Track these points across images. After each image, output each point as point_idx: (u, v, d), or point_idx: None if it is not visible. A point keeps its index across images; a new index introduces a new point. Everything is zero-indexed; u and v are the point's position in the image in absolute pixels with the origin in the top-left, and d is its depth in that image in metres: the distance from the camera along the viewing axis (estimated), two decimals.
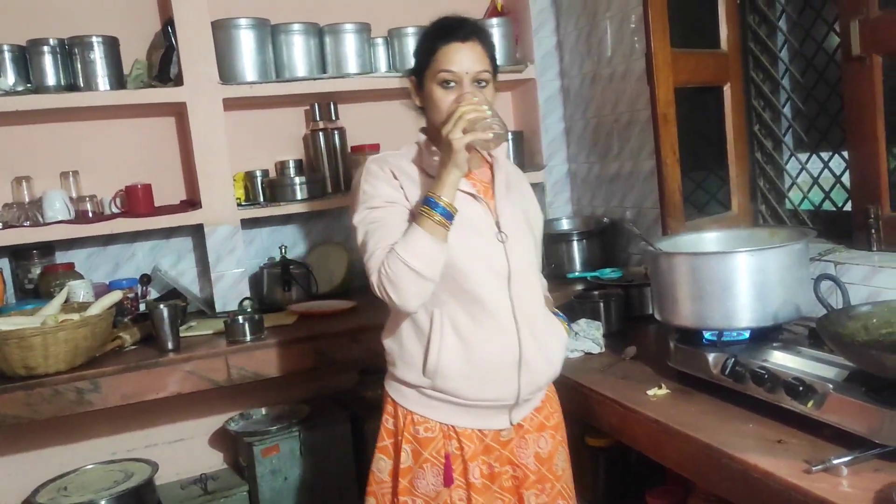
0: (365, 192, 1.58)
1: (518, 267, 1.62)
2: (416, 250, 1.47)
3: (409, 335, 1.62)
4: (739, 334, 1.75)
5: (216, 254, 2.73)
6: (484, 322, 1.58)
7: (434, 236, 1.48)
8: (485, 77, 1.57)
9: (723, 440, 1.47)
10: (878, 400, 1.31)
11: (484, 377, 1.59)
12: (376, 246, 1.51)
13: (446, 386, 1.58)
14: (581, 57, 2.99)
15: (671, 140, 2.14)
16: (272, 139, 3.01)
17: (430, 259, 1.47)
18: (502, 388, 1.61)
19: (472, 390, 1.59)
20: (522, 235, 1.67)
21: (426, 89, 1.60)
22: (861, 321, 1.49)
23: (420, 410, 1.62)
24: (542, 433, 1.72)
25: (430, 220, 1.47)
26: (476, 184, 1.66)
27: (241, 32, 2.73)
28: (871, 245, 1.98)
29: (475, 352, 1.58)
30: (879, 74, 1.90)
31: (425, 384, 1.59)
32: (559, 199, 3.17)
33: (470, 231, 1.58)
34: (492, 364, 1.59)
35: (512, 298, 1.60)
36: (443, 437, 1.61)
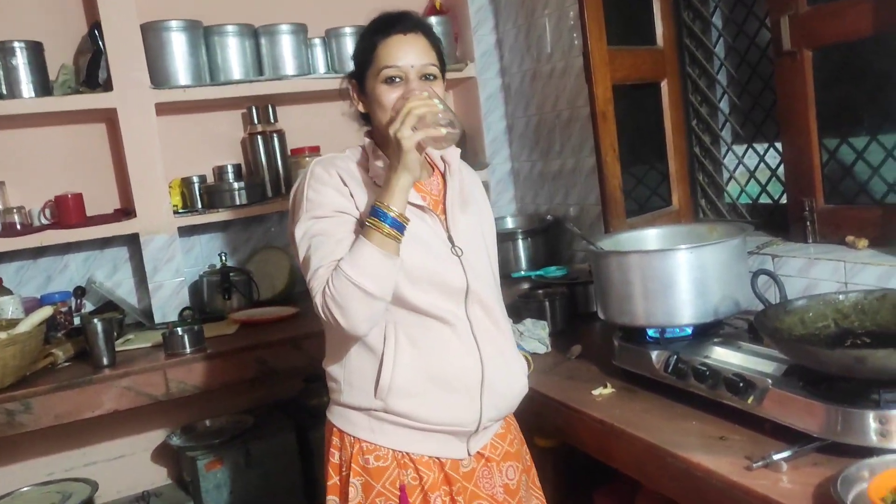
0: (310, 199, 1.42)
1: (477, 283, 1.49)
2: (364, 267, 1.31)
3: (358, 355, 1.46)
4: (682, 331, 1.76)
5: (153, 263, 2.65)
6: (444, 339, 1.45)
7: (384, 250, 1.32)
8: (432, 71, 1.45)
9: (666, 439, 1.47)
10: (816, 394, 1.33)
11: (443, 397, 1.44)
12: (321, 262, 1.35)
13: (401, 406, 1.43)
14: (521, 54, 2.98)
15: (610, 138, 2.15)
16: (209, 144, 2.93)
17: (380, 277, 1.32)
18: (463, 412, 1.46)
19: (430, 412, 1.44)
20: (479, 250, 1.54)
21: (369, 90, 1.46)
22: (798, 315, 1.50)
23: (369, 437, 1.45)
24: (509, 462, 1.58)
25: (379, 232, 1.32)
26: (425, 196, 1.51)
27: (172, 35, 2.65)
28: (807, 237, 2.01)
29: (434, 366, 1.44)
30: (810, 68, 1.93)
31: (377, 406, 1.43)
32: (503, 198, 3.16)
33: (422, 246, 1.44)
34: (452, 383, 1.45)
35: (470, 317, 1.48)
36: (396, 467, 1.45)
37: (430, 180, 1.55)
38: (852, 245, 1.86)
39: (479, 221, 1.58)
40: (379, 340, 1.44)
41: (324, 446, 1.57)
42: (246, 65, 2.79)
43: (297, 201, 1.45)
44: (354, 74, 1.52)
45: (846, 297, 1.50)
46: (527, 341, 2.16)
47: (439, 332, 1.45)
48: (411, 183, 1.36)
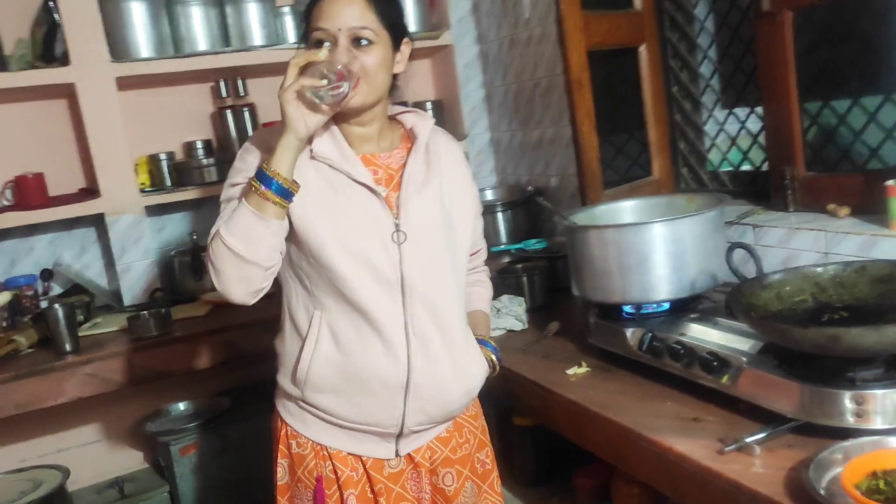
0: (234, 167, 1.38)
1: (417, 274, 1.37)
2: (236, 229, 1.26)
3: (290, 337, 1.43)
4: (659, 306, 1.70)
5: (120, 244, 2.57)
6: (367, 335, 1.36)
7: (261, 214, 1.25)
8: (366, 35, 1.31)
9: (640, 421, 1.42)
10: (790, 373, 1.28)
11: (359, 397, 1.38)
12: (215, 225, 1.30)
13: (316, 400, 1.39)
14: (498, 20, 2.88)
15: (586, 106, 2.07)
16: (176, 119, 2.83)
17: (252, 240, 1.25)
18: (381, 413, 1.39)
19: (345, 409, 1.39)
20: (431, 235, 1.40)
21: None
22: (774, 290, 1.45)
23: (294, 424, 1.43)
24: (447, 469, 1.49)
25: (256, 193, 1.25)
26: (378, 170, 1.41)
27: (131, 5, 2.53)
28: (788, 206, 1.95)
29: (352, 366, 1.37)
30: (790, 31, 1.85)
31: (296, 394, 1.41)
32: (483, 170, 3.08)
33: (354, 230, 1.35)
34: (369, 383, 1.37)
35: (406, 315, 1.37)
36: (315, 457, 1.42)
37: (392, 153, 1.45)
38: (833, 213, 1.80)
39: (441, 201, 1.43)
40: (304, 326, 1.40)
41: None
42: (212, 36, 2.68)
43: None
44: (302, 40, 1.41)
45: (824, 270, 1.44)
46: (504, 318, 2.11)
47: (365, 329, 1.36)
48: (296, 144, 1.26)
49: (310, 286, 1.38)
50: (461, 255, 1.49)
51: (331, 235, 1.33)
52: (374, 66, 1.33)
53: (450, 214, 1.46)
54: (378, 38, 1.34)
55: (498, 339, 2.03)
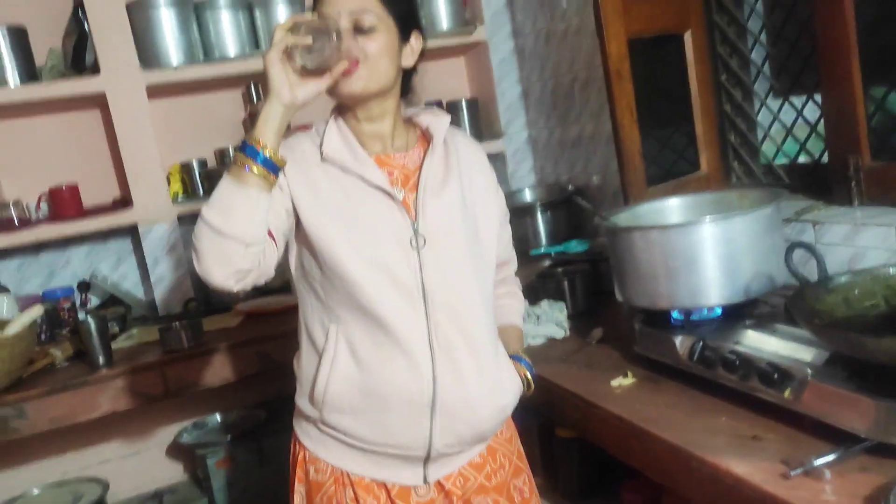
0: None
1: (438, 281, 1.28)
2: (215, 202, 1.16)
3: (307, 354, 1.34)
4: (711, 312, 1.57)
5: (153, 254, 2.55)
6: (388, 348, 1.27)
7: (240, 183, 1.14)
8: (369, 21, 1.24)
9: (691, 439, 1.30)
10: (863, 387, 1.14)
11: (381, 416, 1.28)
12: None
13: (336, 421, 1.29)
14: (534, 13, 2.77)
15: (627, 98, 1.95)
16: (209, 126, 2.80)
17: (230, 211, 1.14)
18: (407, 434, 1.29)
19: (367, 431, 1.29)
20: (453, 239, 1.31)
21: None
22: (841, 293, 1.31)
23: (312, 447, 1.34)
24: (482, 496, 1.37)
25: (237, 164, 1.14)
26: (394, 171, 1.33)
27: (160, 12, 2.51)
28: (853, 200, 1.79)
29: (373, 383, 1.27)
30: (851, 9, 1.69)
31: (314, 416, 1.32)
32: (521, 169, 2.97)
33: (370, 235, 1.26)
34: (392, 401, 1.27)
35: (430, 324, 1.27)
36: (334, 484, 1.32)
37: (407, 153, 1.36)
38: None
39: (462, 203, 1.35)
40: (321, 342, 1.30)
41: None
42: (241, 40, 2.64)
43: None
44: None
45: None
46: (544, 325, 2.00)
47: (385, 343, 1.27)
48: (281, 111, 1.16)
49: (324, 298, 1.29)
50: (487, 261, 1.39)
51: (345, 242, 1.25)
52: (375, 52, 1.25)
53: (474, 217, 1.38)
54: (382, 24, 1.26)
55: (538, 347, 1.93)
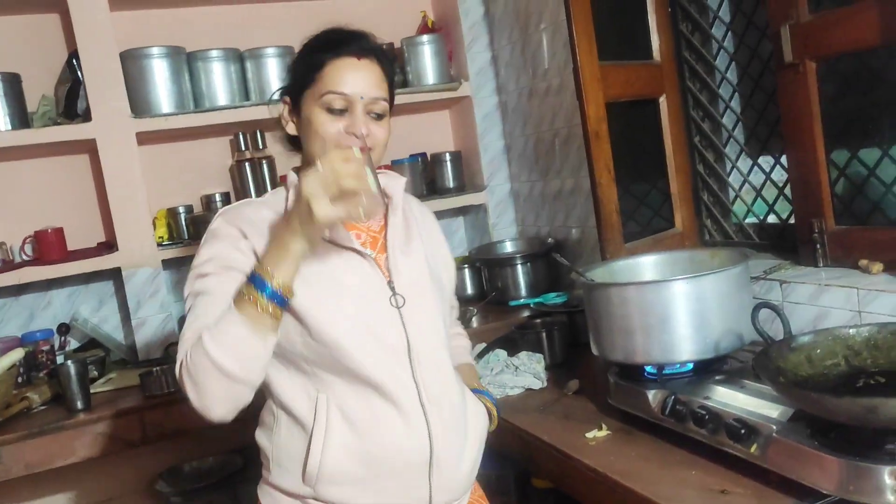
0: (199, 255, 1.24)
1: (421, 338, 1.30)
2: (225, 341, 1.09)
3: (288, 430, 1.27)
4: (683, 366, 1.62)
5: (136, 298, 2.56)
6: (382, 411, 1.25)
7: (255, 326, 1.09)
8: (381, 108, 1.30)
9: (662, 492, 1.33)
10: (825, 444, 1.19)
11: (383, 482, 1.25)
12: (189, 327, 1.16)
13: (332, 494, 1.24)
14: (517, 71, 2.87)
15: (605, 158, 2.03)
16: (196, 172, 2.85)
17: (242, 356, 1.09)
18: (408, 496, 1.28)
19: (368, 499, 1.25)
20: (426, 296, 1.34)
21: (305, 113, 1.28)
22: (804, 353, 1.36)
23: None
24: None
25: (253, 304, 1.10)
26: (361, 234, 1.34)
27: (153, 62, 2.57)
28: (818, 261, 1.87)
29: (372, 446, 1.24)
30: (814, 81, 1.80)
31: (305, 493, 1.25)
32: (503, 221, 3.04)
33: (352, 298, 1.26)
34: (393, 463, 1.25)
35: (416, 379, 1.28)
36: None
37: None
38: (866, 270, 1.72)
39: (426, 261, 1.39)
40: (309, 414, 1.24)
41: None
42: (232, 90, 2.71)
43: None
44: (289, 90, 1.34)
45: (857, 332, 1.36)
46: (522, 376, 2.04)
47: (379, 404, 1.26)
48: (305, 253, 1.13)
49: (308, 368, 1.25)
50: (447, 314, 1.45)
51: (330, 308, 1.24)
52: (383, 140, 1.31)
53: (437, 272, 1.43)
54: (387, 111, 1.32)
55: (516, 397, 1.97)
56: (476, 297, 2.84)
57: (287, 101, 1.35)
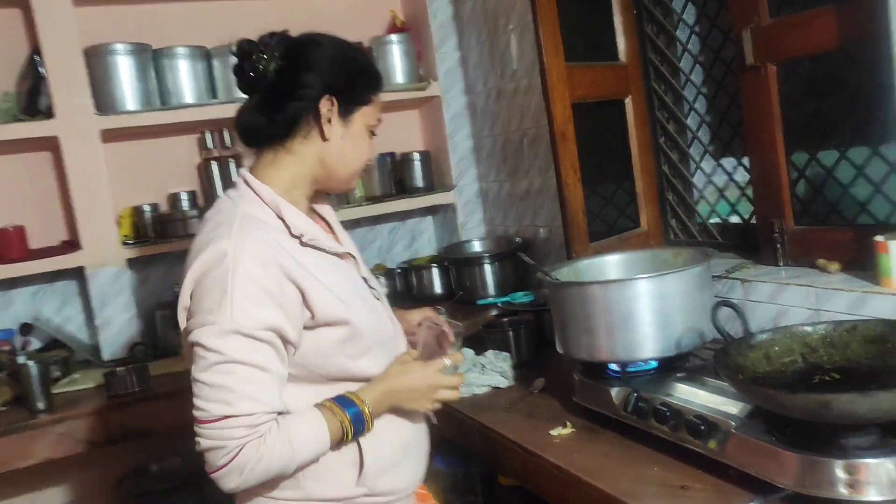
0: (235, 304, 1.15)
1: (396, 329, 1.44)
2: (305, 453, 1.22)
3: None
4: (646, 364, 1.64)
5: (100, 298, 2.53)
6: None
7: (333, 445, 1.25)
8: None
9: (625, 488, 1.35)
10: (780, 440, 1.22)
11: (412, 460, 1.41)
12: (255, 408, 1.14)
13: (384, 486, 1.33)
14: (485, 72, 2.88)
15: (571, 159, 2.05)
16: (162, 171, 2.82)
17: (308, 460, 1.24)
18: (421, 469, 1.44)
19: (404, 480, 1.39)
20: (376, 288, 1.45)
21: (356, 127, 1.32)
22: (762, 350, 1.39)
23: None
24: None
25: (343, 430, 1.25)
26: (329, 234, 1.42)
27: (118, 59, 2.54)
28: (778, 260, 1.91)
29: (404, 431, 1.38)
30: (775, 83, 1.83)
31: (357, 493, 1.31)
32: (472, 220, 3.05)
33: (359, 299, 1.34)
34: (416, 442, 1.42)
35: None
36: None
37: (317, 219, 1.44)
38: (824, 269, 1.76)
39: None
40: None
41: None
42: (198, 88, 2.69)
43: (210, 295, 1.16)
44: (339, 94, 1.29)
45: (814, 330, 1.39)
46: (489, 375, 2.05)
47: None
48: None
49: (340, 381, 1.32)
50: None
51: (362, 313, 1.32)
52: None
53: None
54: None
55: (483, 396, 1.97)
56: (444, 297, 2.84)
57: (334, 101, 1.29)
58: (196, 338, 1.15)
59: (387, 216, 3.06)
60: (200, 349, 1.15)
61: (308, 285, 1.21)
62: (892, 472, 1.10)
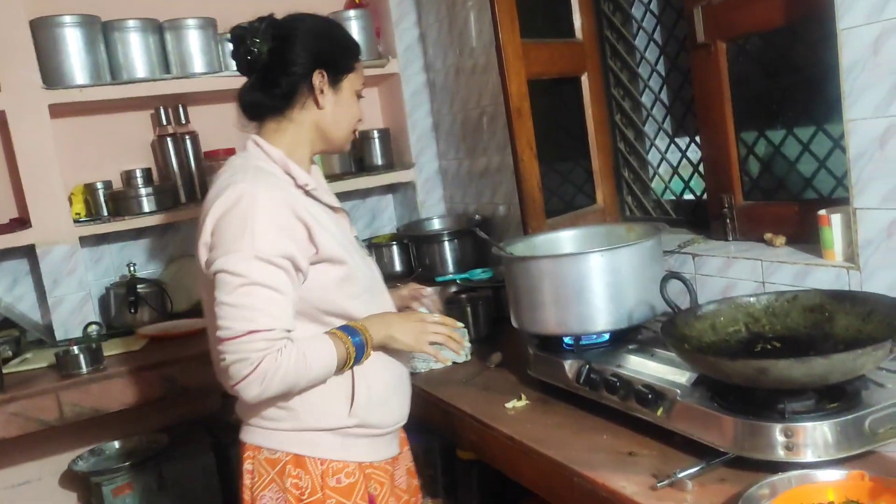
0: (256, 234, 1.30)
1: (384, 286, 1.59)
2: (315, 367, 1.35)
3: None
4: (599, 336, 1.68)
5: (52, 276, 2.48)
6: None
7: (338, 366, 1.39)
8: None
9: (574, 456, 1.39)
10: (723, 406, 1.26)
11: (397, 398, 1.54)
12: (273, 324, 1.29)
13: (374, 417, 1.47)
14: (444, 49, 2.87)
15: (527, 135, 2.06)
16: (115, 147, 2.76)
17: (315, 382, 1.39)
18: (405, 407, 1.58)
19: (392, 415, 1.52)
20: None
21: (345, 93, 1.49)
22: (708, 321, 1.43)
23: (340, 455, 1.44)
24: (404, 447, 1.66)
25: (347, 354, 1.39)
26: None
27: (65, 31, 2.47)
28: (727, 235, 1.95)
29: (391, 371, 1.52)
30: (724, 61, 1.87)
31: (350, 423, 1.44)
32: (431, 198, 3.05)
33: (353, 249, 1.49)
34: (402, 381, 1.56)
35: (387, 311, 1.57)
36: (363, 479, 1.47)
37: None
38: (770, 243, 1.81)
39: None
40: None
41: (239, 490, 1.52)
42: (151, 62, 2.63)
43: (231, 228, 1.31)
44: (327, 66, 1.46)
45: (757, 300, 1.44)
46: (447, 350, 2.06)
47: None
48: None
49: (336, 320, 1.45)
50: None
51: (356, 258, 1.47)
52: None
53: None
54: None
55: (441, 371, 1.99)
56: (404, 274, 2.85)
57: (323, 73, 1.46)
58: (221, 265, 1.30)
59: (347, 194, 3.04)
60: (225, 275, 1.29)
61: (313, 224, 1.38)
62: (828, 434, 1.15)
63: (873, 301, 1.31)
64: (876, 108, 1.45)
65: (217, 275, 1.30)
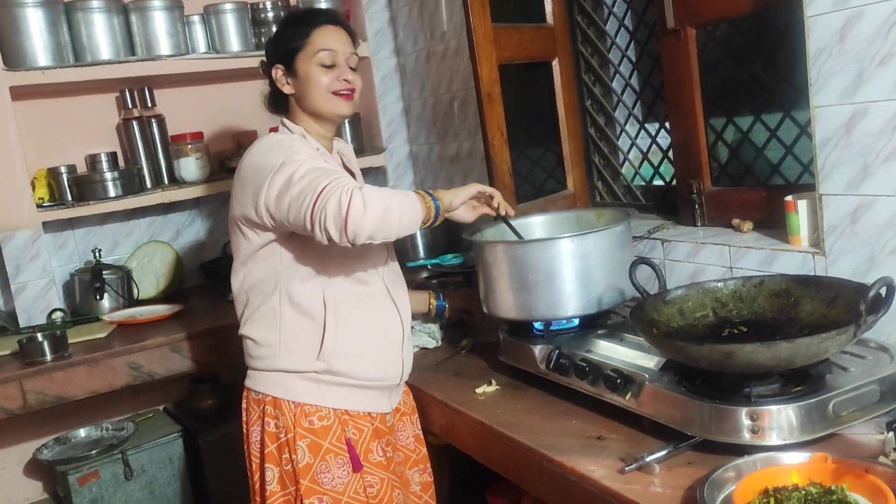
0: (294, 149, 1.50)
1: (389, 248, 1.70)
2: (402, 209, 1.44)
3: (294, 321, 1.55)
4: (569, 321, 1.68)
5: (15, 262, 2.43)
6: (370, 302, 1.61)
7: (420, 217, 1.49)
8: (356, 62, 1.64)
9: (544, 441, 1.39)
10: (690, 390, 1.27)
11: (376, 356, 1.60)
12: (338, 178, 1.40)
13: (342, 366, 1.55)
14: (415, 33, 2.85)
15: (497, 120, 2.05)
16: (79, 131, 2.71)
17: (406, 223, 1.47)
18: (391, 369, 1.63)
19: (366, 370, 1.58)
20: None
21: (302, 72, 1.59)
22: (676, 305, 1.44)
23: (311, 399, 1.55)
24: (414, 415, 1.76)
25: (427, 211, 1.50)
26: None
27: (26, 11, 2.41)
28: (696, 220, 1.97)
29: (368, 328, 1.59)
30: (694, 47, 1.87)
31: (319, 368, 1.54)
32: (402, 183, 3.04)
33: None
34: (382, 342, 1.62)
35: (386, 280, 1.65)
36: (339, 424, 1.56)
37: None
38: (738, 228, 1.82)
39: None
40: (318, 306, 1.55)
41: (241, 426, 1.65)
42: (115, 44, 2.57)
43: (268, 159, 1.49)
44: (281, 59, 1.62)
45: (724, 285, 1.45)
46: (417, 336, 2.06)
47: (366, 296, 1.61)
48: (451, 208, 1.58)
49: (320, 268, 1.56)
50: None
51: None
52: (360, 86, 1.65)
53: None
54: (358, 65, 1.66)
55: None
56: None
57: (280, 67, 1.62)
58: (278, 175, 1.44)
59: None
60: (282, 179, 1.44)
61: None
62: (792, 417, 1.17)
63: (838, 286, 1.33)
64: (842, 94, 1.46)
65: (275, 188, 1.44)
